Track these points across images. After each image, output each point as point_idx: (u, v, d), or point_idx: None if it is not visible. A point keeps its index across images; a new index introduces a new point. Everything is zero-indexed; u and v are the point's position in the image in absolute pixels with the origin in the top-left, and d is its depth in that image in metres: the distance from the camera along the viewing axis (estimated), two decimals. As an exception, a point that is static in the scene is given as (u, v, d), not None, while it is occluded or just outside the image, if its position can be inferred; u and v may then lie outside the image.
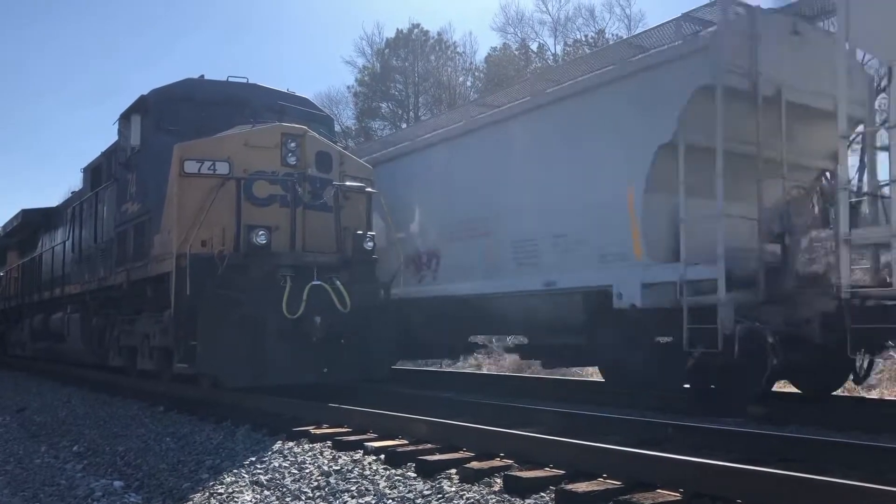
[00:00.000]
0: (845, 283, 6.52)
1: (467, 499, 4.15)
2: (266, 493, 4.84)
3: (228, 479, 5.24)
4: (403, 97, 37.29)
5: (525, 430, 5.54)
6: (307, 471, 5.14)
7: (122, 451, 6.73)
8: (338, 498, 4.51)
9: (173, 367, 8.69)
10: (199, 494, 5.06)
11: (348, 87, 39.74)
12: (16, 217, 18.27)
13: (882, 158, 7.46)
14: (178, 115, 9.51)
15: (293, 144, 8.85)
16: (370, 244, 9.06)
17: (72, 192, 16.51)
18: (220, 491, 5.02)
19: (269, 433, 6.48)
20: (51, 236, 15.57)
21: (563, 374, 13.23)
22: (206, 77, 10.25)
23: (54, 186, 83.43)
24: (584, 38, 34.29)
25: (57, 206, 16.20)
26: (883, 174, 7.44)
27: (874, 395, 9.97)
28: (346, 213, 9.11)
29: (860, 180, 11.94)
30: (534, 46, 36.25)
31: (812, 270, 7.31)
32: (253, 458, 5.66)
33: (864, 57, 10.32)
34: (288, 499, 4.65)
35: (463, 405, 7.75)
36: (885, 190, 7.25)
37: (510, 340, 13.91)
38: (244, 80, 10.10)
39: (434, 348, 12.15)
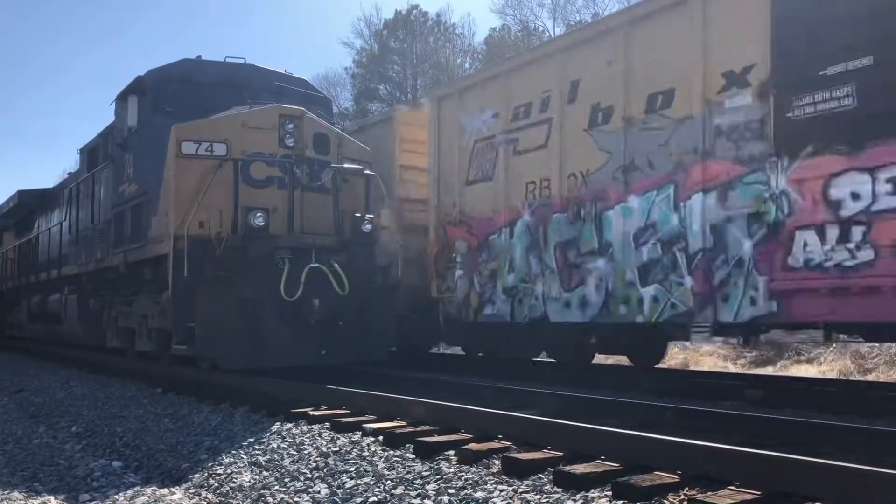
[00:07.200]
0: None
1: (465, 479, 4.16)
2: (264, 473, 4.85)
3: (227, 460, 5.25)
4: (402, 79, 37.11)
5: (524, 412, 5.55)
6: (306, 452, 5.15)
7: (120, 431, 6.74)
8: (336, 478, 4.51)
9: (171, 348, 8.70)
10: (197, 475, 5.07)
11: (346, 69, 39.60)
12: (12, 198, 18.18)
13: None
14: (175, 95, 9.44)
15: (291, 126, 8.80)
16: (368, 227, 9.04)
17: (68, 174, 16.43)
18: (218, 471, 5.03)
19: (267, 415, 6.49)
20: (47, 218, 15.50)
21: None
22: (203, 58, 10.18)
23: (51, 170, 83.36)
24: (583, 21, 34.03)
25: (53, 188, 16.13)
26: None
27: (871, 378, 10.00)
28: (345, 196, 9.08)
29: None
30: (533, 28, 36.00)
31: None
32: (251, 440, 5.67)
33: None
34: (286, 479, 4.65)
35: (461, 387, 7.76)
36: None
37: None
38: (242, 61, 10.04)
39: None
